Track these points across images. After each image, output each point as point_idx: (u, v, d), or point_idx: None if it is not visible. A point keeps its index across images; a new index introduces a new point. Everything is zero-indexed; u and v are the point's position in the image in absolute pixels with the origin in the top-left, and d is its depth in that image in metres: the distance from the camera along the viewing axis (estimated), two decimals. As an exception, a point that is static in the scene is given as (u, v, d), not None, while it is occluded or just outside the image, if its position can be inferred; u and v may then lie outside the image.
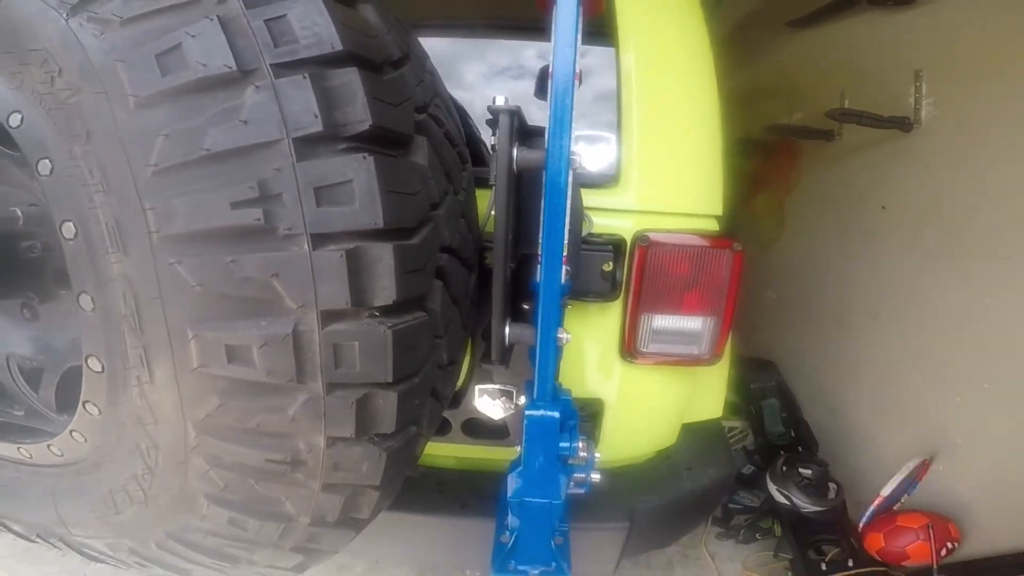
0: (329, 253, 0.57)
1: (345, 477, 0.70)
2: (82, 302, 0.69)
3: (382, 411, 0.66)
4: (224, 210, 0.54)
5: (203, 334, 0.58)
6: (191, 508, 0.76)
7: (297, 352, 0.58)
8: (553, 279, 0.90)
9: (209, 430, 0.64)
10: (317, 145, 0.56)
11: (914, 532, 1.87)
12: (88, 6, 0.60)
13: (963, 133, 1.96)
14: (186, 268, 0.56)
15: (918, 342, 2.09)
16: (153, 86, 0.56)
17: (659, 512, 1.33)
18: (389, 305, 0.61)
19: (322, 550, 0.86)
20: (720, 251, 1.17)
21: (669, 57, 1.24)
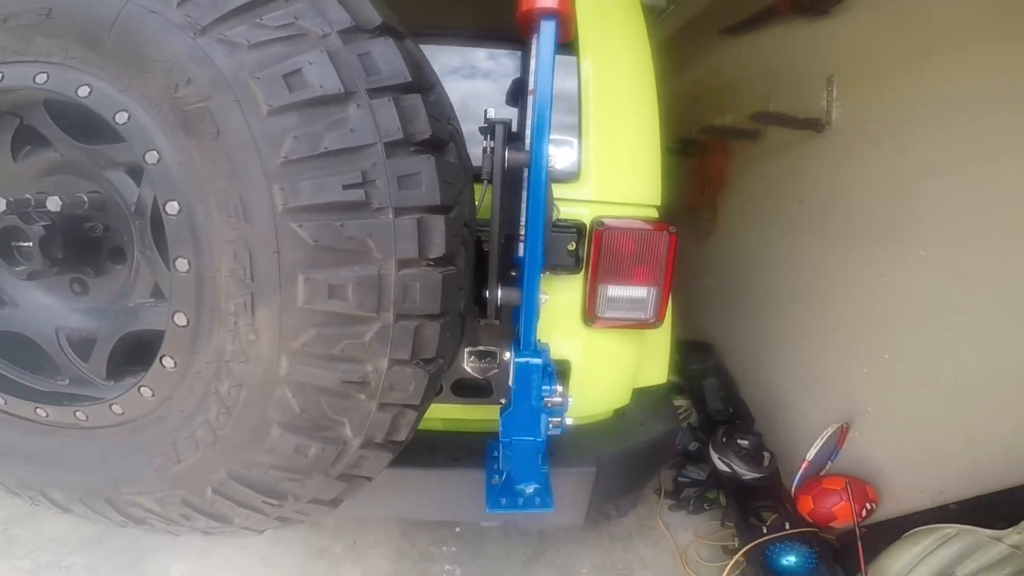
0: (406, 220, 0.91)
1: (396, 397, 1.02)
2: (178, 265, 0.98)
3: (429, 339, 0.99)
4: (337, 189, 0.87)
5: (312, 276, 0.89)
6: (261, 441, 1.03)
7: (380, 289, 0.91)
8: (535, 251, 1.27)
9: (301, 359, 0.95)
10: (398, 148, 0.91)
11: (837, 494, 2.27)
12: (216, 29, 0.90)
13: (865, 133, 2.49)
14: (305, 230, 0.88)
15: (832, 320, 2.61)
16: (284, 99, 0.86)
17: (620, 459, 1.73)
18: (440, 258, 0.95)
19: (361, 476, 1.15)
20: (659, 233, 1.59)
21: (619, 75, 1.65)
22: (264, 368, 0.97)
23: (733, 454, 2.55)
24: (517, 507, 1.44)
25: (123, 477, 1.16)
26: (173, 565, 2.22)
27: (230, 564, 2.24)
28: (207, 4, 0.90)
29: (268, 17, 0.90)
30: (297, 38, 0.90)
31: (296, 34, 0.90)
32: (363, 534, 2.42)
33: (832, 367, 2.60)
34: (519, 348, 1.34)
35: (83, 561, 2.20)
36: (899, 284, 2.30)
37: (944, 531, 1.96)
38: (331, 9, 0.92)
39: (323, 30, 0.91)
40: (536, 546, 2.44)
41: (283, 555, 2.31)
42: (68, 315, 1.23)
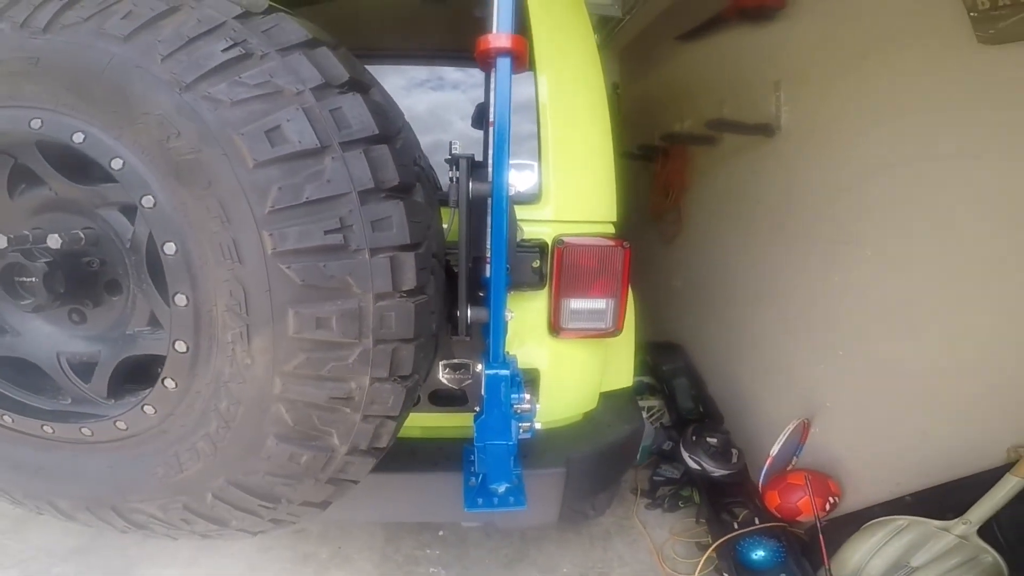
0: (380, 259, 1.08)
1: (378, 409, 1.19)
2: (177, 300, 1.14)
3: (404, 359, 1.17)
4: (320, 234, 1.04)
5: (301, 311, 1.06)
6: (258, 451, 1.19)
7: (360, 319, 1.08)
8: (500, 273, 1.45)
9: (293, 379, 1.12)
10: (371, 195, 1.08)
11: (801, 488, 2.44)
12: (199, 86, 1.04)
13: (812, 136, 2.69)
14: (293, 271, 1.05)
15: (790, 318, 2.82)
16: (267, 154, 1.01)
17: (588, 458, 1.91)
18: (411, 289, 1.13)
19: (348, 480, 1.32)
20: (615, 248, 1.79)
21: (574, 103, 1.84)
22: (260, 388, 1.14)
23: (703, 452, 2.75)
24: (493, 506, 1.61)
25: (128, 486, 1.31)
26: (161, 573, 2.35)
27: (218, 570, 2.38)
28: (188, 62, 1.05)
29: (246, 75, 1.04)
30: (274, 95, 1.05)
31: (272, 91, 1.05)
32: (348, 540, 2.58)
33: (792, 364, 2.81)
34: (489, 361, 1.51)
35: (72, 570, 2.32)
36: (848, 282, 2.51)
37: (897, 523, 2.15)
38: (303, 67, 1.08)
39: (297, 88, 1.06)
40: (518, 547, 2.61)
41: (269, 562, 2.45)
42: (68, 342, 1.38)
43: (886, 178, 2.33)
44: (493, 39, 1.35)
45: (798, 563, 2.35)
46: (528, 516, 1.84)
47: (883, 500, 2.29)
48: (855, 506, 2.41)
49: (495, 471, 1.54)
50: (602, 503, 2.58)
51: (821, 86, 2.62)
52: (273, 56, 1.08)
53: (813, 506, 2.39)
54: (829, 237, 2.61)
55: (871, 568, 2.17)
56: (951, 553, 2.03)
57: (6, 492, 1.43)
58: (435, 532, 2.66)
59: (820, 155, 2.66)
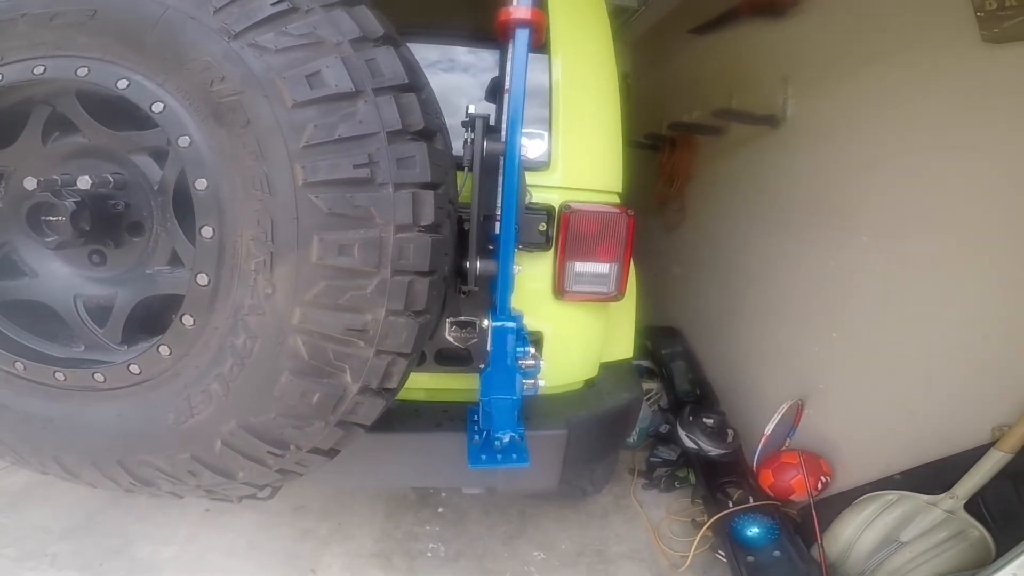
0: (403, 194, 1.18)
1: (391, 344, 1.27)
2: (203, 232, 1.23)
3: (419, 293, 1.26)
4: (349, 168, 1.14)
5: (326, 237, 1.16)
6: (271, 388, 1.26)
7: (380, 249, 1.18)
8: (509, 227, 1.54)
9: (312, 308, 1.21)
10: (398, 136, 1.19)
11: (794, 468, 2.58)
12: (247, 35, 1.16)
13: (815, 128, 2.84)
14: (321, 200, 1.15)
15: (786, 302, 2.94)
16: (306, 95, 1.13)
17: (589, 423, 2.00)
18: (429, 224, 1.23)
19: (357, 423, 1.39)
20: (619, 215, 1.89)
21: (586, 76, 1.95)
22: (278, 319, 1.22)
23: (699, 431, 2.85)
24: (496, 462, 1.70)
25: (137, 436, 1.35)
26: (160, 550, 2.39)
27: (216, 548, 2.43)
28: (239, 13, 1.17)
29: (291, 27, 1.16)
30: (316, 45, 1.17)
31: (315, 42, 1.17)
32: (348, 516, 2.65)
33: (787, 347, 2.93)
34: (496, 314, 1.61)
35: (69, 548, 2.36)
36: (844, 267, 2.64)
37: (887, 497, 2.28)
38: (343, 21, 1.20)
39: (337, 39, 1.18)
40: (517, 524, 2.70)
41: (269, 539, 2.51)
42: (86, 284, 1.45)
43: (884, 169, 2.47)
44: (514, 10, 1.46)
45: (791, 539, 2.45)
46: (529, 478, 1.93)
47: (874, 479, 2.41)
48: (846, 485, 2.54)
49: (500, 421, 1.63)
50: (600, 480, 2.67)
51: (829, 81, 2.76)
52: (317, 11, 1.20)
53: (806, 484, 2.51)
54: (827, 224, 2.73)
55: (862, 543, 2.28)
56: (939, 528, 2.13)
57: (12, 448, 1.46)
58: (435, 509, 2.74)
59: (823, 146, 2.80)
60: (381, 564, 2.45)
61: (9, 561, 2.28)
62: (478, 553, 2.54)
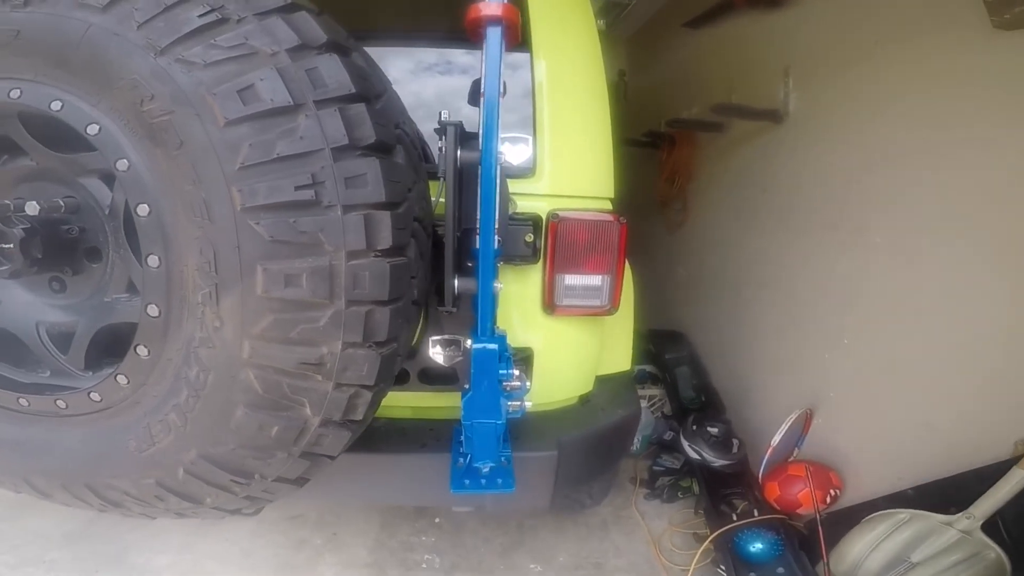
0: (353, 216, 1.04)
1: (351, 377, 1.14)
2: (149, 261, 1.12)
3: (379, 323, 1.12)
4: (290, 190, 1.01)
5: (269, 267, 1.02)
6: (228, 421, 1.15)
7: (331, 278, 1.04)
8: (488, 242, 1.40)
9: (262, 342, 1.08)
10: (345, 152, 1.04)
11: (802, 480, 2.39)
12: (174, 50, 1.03)
13: (821, 123, 2.63)
14: (262, 227, 1.01)
15: (796, 307, 2.76)
16: (238, 112, 1.00)
17: (581, 442, 1.85)
18: (387, 249, 1.08)
19: (323, 454, 1.27)
20: (611, 223, 1.73)
21: (571, 75, 1.79)
22: (229, 353, 1.10)
23: (703, 441, 2.69)
24: (480, 488, 1.56)
25: (101, 462, 1.28)
26: (155, 558, 2.33)
27: (211, 556, 2.36)
28: (165, 27, 1.04)
29: (221, 39, 1.03)
30: (249, 56, 1.03)
31: (247, 53, 1.04)
32: (343, 525, 2.55)
33: (797, 353, 2.75)
34: (477, 335, 1.46)
35: (67, 555, 2.31)
36: (855, 271, 2.44)
37: (898, 516, 2.08)
38: (279, 29, 1.06)
39: (272, 48, 1.04)
40: (514, 536, 2.57)
41: (264, 547, 2.43)
42: (48, 311, 1.36)
43: (897, 165, 2.27)
44: (484, 7, 1.31)
45: (796, 556, 2.29)
46: (518, 500, 1.79)
47: (885, 493, 2.22)
48: (856, 499, 2.34)
49: (481, 449, 1.49)
50: (599, 493, 2.52)
51: (832, 72, 2.55)
52: (250, 20, 1.08)
53: (813, 499, 2.33)
54: (836, 225, 2.54)
55: (870, 562, 2.10)
56: (953, 548, 1.95)
57: None
58: (431, 519, 2.63)
59: (829, 141, 2.60)
60: (374, 574, 2.34)
61: (7, 568, 2.24)
62: (473, 565, 2.42)
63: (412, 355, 1.72)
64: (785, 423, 2.57)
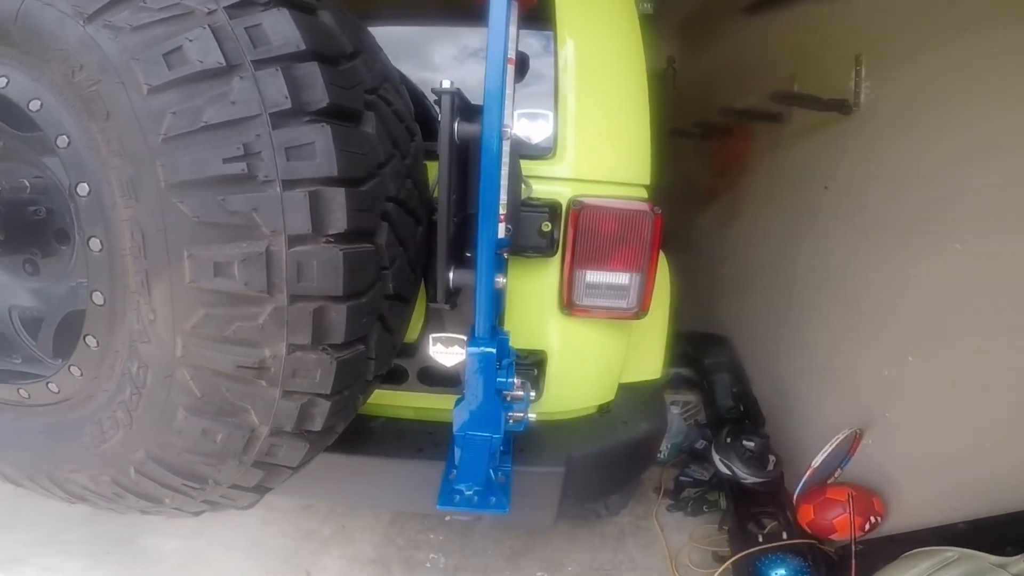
0: (297, 193, 0.84)
1: (301, 384, 0.95)
2: (91, 245, 0.96)
3: (334, 323, 0.92)
4: (217, 163, 0.83)
5: (196, 253, 0.84)
6: (170, 423, 0.99)
7: (268, 267, 0.85)
8: (489, 229, 1.16)
9: (194, 340, 0.90)
10: (287, 118, 0.85)
11: (841, 505, 2.09)
12: (101, 16, 0.87)
13: (897, 115, 2.26)
14: (187, 206, 0.83)
15: (855, 315, 2.40)
16: (163, 77, 0.84)
17: (594, 459, 1.61)
18: (341, 233, 0.88)
19: (279, 466, 1.09)
20: (642, 214, 1.46)
21: (603, 42, 1.52)
22: (164, 349, 0.93)
23: (735, 456, 2.38)
24: (470, 506, 1.34)
25: (60, 455, 1.17)
26: (165, 542, 2.25)
27: (219, 543, 2.26)
28: None
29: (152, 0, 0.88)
30: (181, 17, 0.87)
31: (180, 13, 0.87)
32: (352, 519, 2.40)
33: (851, 367, 2.40)
34: (473, 336, 1.25)
35: (81, 536, 2.25)
36: (930, 279, 2.08)
37: (945, 554, 1.76)
38: (217, -15, 0.87)
39: (209, 7, 0.87)
40: (525, 540, 2.36)
41: (271, 536, 2.31)
42: (20, 294, 1.25)
43: (982, 164, 1.90)
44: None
45: None
46: (520, 517, 1.58)
47: (932, 525, 1.94)
48: (898, 528, 2.06)
49: (467, 468, 1.27)
50: (617, 504, 2.28)
51: (911, 61, 2.18)
52: None
53: (851, 527, 2.03)
54: (910, 228, 2.18)
55: (908, 602, 1.79)
56: (1004, 594, 1.63)
57: None
58: (441, 516, 2.43)
59: (905, 136, 2.22)
60: (377, 572, 2.19)
61: (22, 545, 2.20)
62: (479, 568, 2.24)
63: (412, 353, 1.52)
64: (831, 443, 2.24)
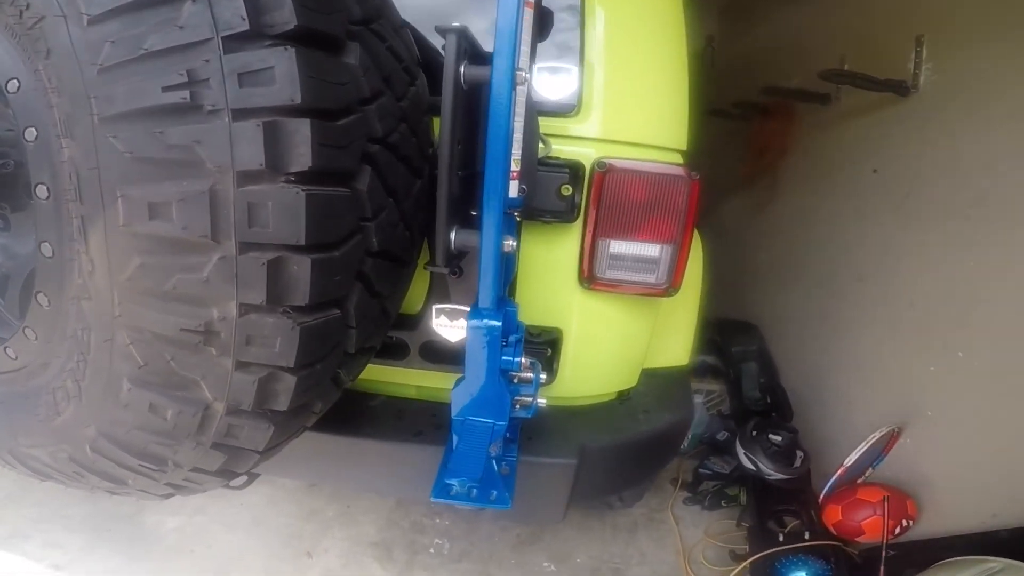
0: (248, 124, 0.67)
1: (258, 354, 0.79)
2: (38, 192, 0.81)
3: (296, 279, 0.75)
4: (155, 93, 0.67)
5: (130, 193, 0.68)
6: (116, 396, 0.84)
7: (213, 208, 0.68)
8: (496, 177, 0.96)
9: (131, 295, 0.74)
10: (244, 41, 0.68)
11: (871, 506, 1.91)
12: None
13: (960, 100, 2.01)
14: (120, 141, 0.68)
15: (899, 307, 2.15)
16: (104, 5, 0.69)
17: (610, 451, 1.42)
18: (305, 172, 0.71)
19: (243, 449, 0.93)
20: (678, 179, 1.25)
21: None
22: (103, 307, 0.78)
23: (761, 451, 2.17)
24: (467, 500, 1.17)
25: (19, 428, 1.05)
26: (167, 520, 2.15)
27: (221, 521, 2.14)
28: None
29: None
30: None
31: None
32: (357, 500, 2.27)
33: (892, 361, 2.16)
34: (474, 309, 1.06)
35: (84, 512, 2.15)
36: (988, 271, 1.83)
37: (987, 565, 1.60)
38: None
39: None
40: (533, 529, 2.20)
41: (274, 515, 2.19)
42: None
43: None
44: None
45: None
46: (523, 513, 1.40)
47: (969, 531, 1.80)
48: (934, 531, 1.89)
49: (462, 459, 1.08)
50: (632, 495, 2.10)
51: (976, 45, 1.93)
52: None
53: (884, 531, 1.84)
54: (969, 216, 1.92)
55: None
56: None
57: None
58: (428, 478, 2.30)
59: (968, 121, 1.96)
60: (379, 555, 2.05)
61: (28, 521, 2.11)
62: (484, 556, 2.08)
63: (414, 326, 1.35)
64: (866, 441, 2.02)
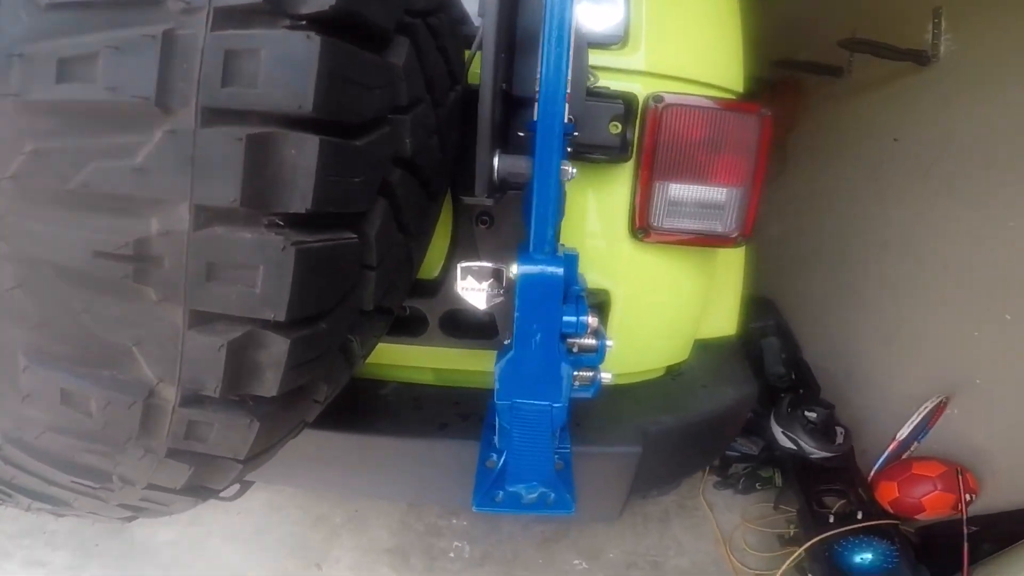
0: None
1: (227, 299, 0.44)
2: None
3: (291, 170, 0.41)
4: None
5: (31, 51, 0.36)
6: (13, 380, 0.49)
7: (164, 58, 0.36)
8: (556, 82, 0.65)
9: (18, 204, 0.39)
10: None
11: (931, 481, 1.67)
12: None
13: (982, 68, 1.78)
14: None
15: (933, 271, 1.88)
16: None
17: (675, 434, 1.10)
18: None
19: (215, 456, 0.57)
20: (748, 115, 0.97)
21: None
22: None
23: (800, 428, 1.89)
24: (520, 508, 0.84)
25: None
26: (159, 532, 1.77)
27: (219, 532, 1.77)
28: None
29: None
30: None
31: None
32: (367, 503, 1.90)
33: (930, 328, 1.89)
34: (528, 252, 0.74)
35: (67, 526, 1.77)
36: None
37: None
38: None
39: None
40: (559, 524, 1.86)
41: (278, 523, 1.81)
42: None
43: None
44: None
45: (914, 570, 1.56)
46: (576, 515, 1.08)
47: None
48: (992, 506, 1.66)
49: (521, 461, 0.77)
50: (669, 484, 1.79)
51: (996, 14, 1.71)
52: None
53: (962, 505, 1.60)
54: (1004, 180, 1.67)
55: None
56: None
57: None
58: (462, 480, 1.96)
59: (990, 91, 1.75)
60: (395, 563, 1.70)
61: (5, 537, 1.74)
62: (508, 557, 1.75)
63: (434, 292, 1.01)
64: (917, 413, 1.76)
